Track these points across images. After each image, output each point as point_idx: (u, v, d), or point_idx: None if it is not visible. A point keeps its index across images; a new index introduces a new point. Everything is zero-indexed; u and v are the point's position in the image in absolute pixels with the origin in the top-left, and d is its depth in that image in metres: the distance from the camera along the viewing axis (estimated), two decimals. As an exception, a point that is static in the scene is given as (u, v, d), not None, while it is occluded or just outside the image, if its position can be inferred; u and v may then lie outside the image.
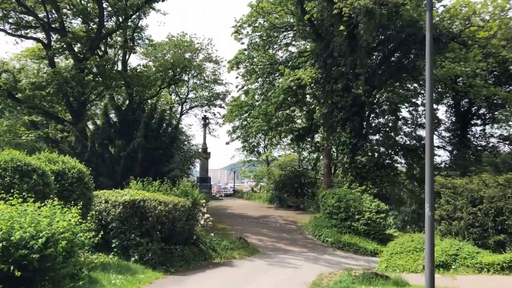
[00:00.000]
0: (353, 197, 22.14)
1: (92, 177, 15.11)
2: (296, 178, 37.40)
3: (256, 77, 32.96)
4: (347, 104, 24.83)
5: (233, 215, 28.86)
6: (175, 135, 20.49)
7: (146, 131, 18.14)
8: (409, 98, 34.85)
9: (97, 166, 17.66)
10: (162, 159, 19.07)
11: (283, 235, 22.19)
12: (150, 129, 18.70)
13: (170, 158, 20.22)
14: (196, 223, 13.57)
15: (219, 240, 15.73)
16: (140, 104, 20.12)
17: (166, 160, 19.46)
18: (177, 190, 13.26)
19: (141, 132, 17.89)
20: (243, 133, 34.78)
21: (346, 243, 20.22)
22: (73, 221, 6.28)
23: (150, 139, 18.44)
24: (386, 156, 27.27)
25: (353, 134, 25.03)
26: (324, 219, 23.51)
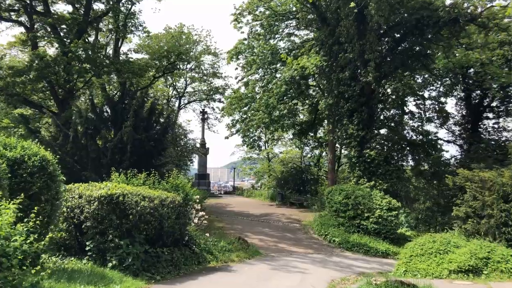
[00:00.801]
0: (362, 194, 20.43)
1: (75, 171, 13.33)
2: (298, 175, 35.67)
3: (257, 68, 31.19)
4: (354, 93, 23.11)
5: (233, 213, 27.17)
6: (168, 125, 18.72)
7: (135, 121, 16.39)
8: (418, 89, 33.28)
9: (81, 159, 15.95)
10: (154, 151, 17.33)
11: (286, 234, 20.50)
12: (140, 118, 16.95)
13: (163, 150, 18.47)
14: (189, 222, 11.85)
15: (215, 241, 14.00)
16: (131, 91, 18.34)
17: (158, 153, 17.71)
18: (166, 184, 11.53)
19: (130, 121, 16.14)
20: (243, 127, 33.00)
21: (355, 243, 18.52)
22: (7, 221, 4.54)
23: (140, 130, 16.69)
24: (395, 151, 25.56)
25: (361, 126, 23.29)
26: (330, 217, 21.81)
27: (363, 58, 22.23)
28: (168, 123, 18.74)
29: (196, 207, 12.88)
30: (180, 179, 11.81)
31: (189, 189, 11.58)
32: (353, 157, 23.51)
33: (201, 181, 39.96)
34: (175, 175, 11.87)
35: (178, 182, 11.62)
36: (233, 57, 33.58)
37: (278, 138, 45.82)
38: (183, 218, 11.06)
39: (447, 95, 35.38)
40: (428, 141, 31.14)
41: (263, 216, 26.17)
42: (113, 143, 15.72)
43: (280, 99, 29.35)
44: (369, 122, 23.59)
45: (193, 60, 44.01)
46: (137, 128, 16.48)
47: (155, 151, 17.60)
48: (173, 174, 11.87)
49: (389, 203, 19.75)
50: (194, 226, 12.94)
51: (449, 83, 34.34)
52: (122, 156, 16.50)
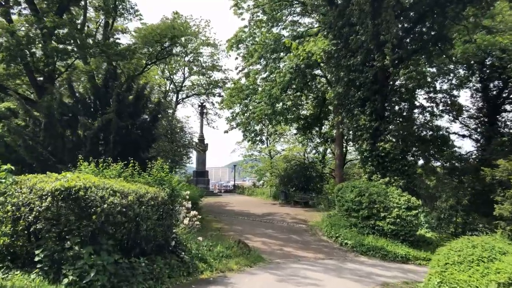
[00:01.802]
0: (377, 191, 18.22)
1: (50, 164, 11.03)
2: (303, 171, 33.42)
3: (258, 57, 28.98)
4: (367, 80, 20.87)
5: (232, 212, 24.99)
6: (158, 112, 16.48)
7: (119, 106, 14.19)
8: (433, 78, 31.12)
9: (56, 150, 13.75)
10: (142, 142, 15.12)
11: (292, 236, 18.31)
12: (124, 104, 14.75)
13: (153, 142, 16.26)
14: (176, 223, 9.64)
15: (211, 246, 11.81)
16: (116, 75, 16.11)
17: (147, 144, 15.50)
18: (148, 176, 9.31)
19: (113, 107, 13.93)
20: (243, 120, 30.78)
21: (371, 246, 16.34)
22: None
23: (125, 116, 14.48)
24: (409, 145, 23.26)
25: (373, 116, 21.06)
26: (340, 217, 19.61)
27: (377, 40, 19.99)
28: (158, 110, 16.51)
29: (186, 205, 10.66)
30: (166, 171, 9.58)
31: (176, 183, 9.36)
32: (365, 151, 21.27)
33: (200, 179, 37.80)
34: (159, 165, 9.63)
35: (163, 175, 9.41)
36: (233, 46, 31.43)
37: (280, 133, 43.51)
38: (168, 218, 8.87)
39: (461, 87, 33.10)
40: (439, 137, 28.97)
41: (266, 216, 23.98)
42: (92, 131, 13.51)
43: (284, 90, 27.15)
44: (383, 112, 21.37)
45: (191, 52, 41.96)
46: (121, 115, 14.27)
47: (143, 142, 15.39)
48: (157, 165, 9.64)
49: (408, 201, 17.53)
50: (184, 228, 10.73)
51: (463, 74, 32.12)
52: (105, 147, 14.33)
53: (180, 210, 9.98)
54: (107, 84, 15.25)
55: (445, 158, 28.76)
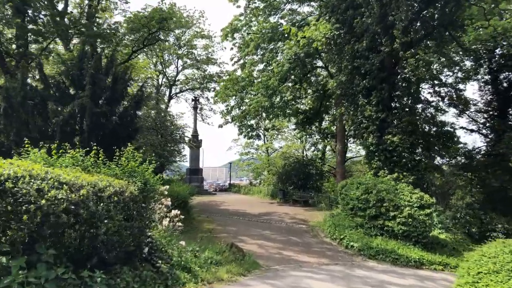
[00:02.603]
0: (386, 187, 16.47)
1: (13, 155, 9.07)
2: (302, 168, 31.63)
3: (255, 46, 27.14)
4: (373, 67, 19.12)
5: (227, 212, 23.17)
6: (140, 99, 14.59)
7: (95, 90, 12.33)
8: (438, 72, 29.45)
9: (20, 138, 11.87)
10: (121, 132, 13.24)
11: (291, 238, 16.51)
12: (100, 88, 12.88)
13: (134, 132, 14.39)
14: (151, 225, 7.78)
15: (197, 251, 9.98)
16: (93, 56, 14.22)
17: (127, 134, 13.62)
18: (116, 167, 7.48)
19: (87, 90, 12.07)
20: (239, 114, 28.91)
21: (380, 249, 14.58)
22: None
23: (102, 103, 12.63)
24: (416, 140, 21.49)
25: (380, 107, 19.33)
26: (345, 217, 17.86)
27: (384, 23, 18.23)
28: (140, 96, 14.63)
29: (165, 203, 8.81)
30: (138, 159, 7.74)
31: (151, 176, 7.51)
32: (371, 145, 19.51)
33: (193, 177, 35.95)
34: (130, 152, 7.78)
35: (134, 165, 7.57)
36: (228, 35, 29.56)
37: (278, 128, 41.65)
38: (139, 219, 7.04)
39: (467, 80, 31.39)
40: (444, 132, 27.22)
41: (263, 215, 22.18)
42: (62, 118, 11.66)
43: (282, 81, 25.33)
44: (390, 102, 19.65)
45: (185, 45, 40.16)
46: (97, 100, 12.43)
47: (124, 132, 13.52)
48: (127, 152, 7.79)
49: (421, 198, 15.77)
50: (164, 231, 8.90)
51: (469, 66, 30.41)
52: (79, 137, 12.48)
53: (156, 209, 8.12)
54: (83, 66, 13.38)
55: (451, 154, 27.09)
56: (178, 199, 15.93)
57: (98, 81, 12.59)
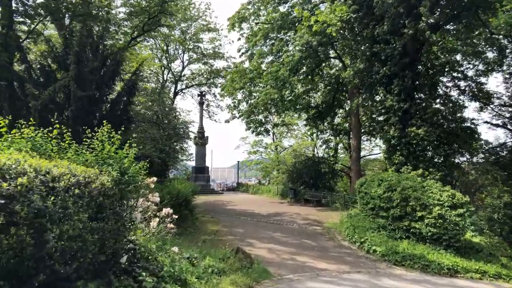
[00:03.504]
0: (411, 184, 14.63)
1: None
2: (314, 166, 29.81)
3: (263, 35, 25.43)
4: (395, 53, 17.30)
5: (233, 212, 21.46)
6: (133, 83, 12.92)
7: (80, 70, 10.70)
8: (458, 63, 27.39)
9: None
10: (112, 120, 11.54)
11: (305, 241, 14.74)
12: (87, 69, 11.23)
13: (128, 121, 12.73)
14: (132, 227, 6.03)
15: (195, 258, 8.27)
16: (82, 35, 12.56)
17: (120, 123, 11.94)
18: (86, 152, 5.79)
19: (72, 71, 10.45)
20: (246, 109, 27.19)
21: (407, 255, 12.77)
22: None
23: (89, 86, 10.99)
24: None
25: (402, 96, 17.51)
26: (364, 218, 16.06)
27: (408, 3, 16.44)
28: (134, 81, 12.97)
29: (152, 199, 7.07)
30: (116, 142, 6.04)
31: (129, 164, 5.78)
32: (392, 138, 17.68)
33: (199, 176, 34.25)
34: (105, 133, 6.07)
35: (111, 149, 5.87)
36: (235, 25, 27.92)
37: (288, 124, 39.77)
38: (114, 219, 5.35)
39: (490, 72, 29.32)
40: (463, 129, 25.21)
41: (273, 216, 20.43)
42: (41, 102, 10.04)
43: (293, 72, 23.56)
44: (413, 91, 17.81)
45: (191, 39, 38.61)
46: (83, 83, 10.79)
47: (116, 121, 11.86)
48: (99, 133, 6.09)
49: (452, 197, 13.90)
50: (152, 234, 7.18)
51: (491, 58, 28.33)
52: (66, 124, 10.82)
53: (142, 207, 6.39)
54: (68, 44, 11.77)
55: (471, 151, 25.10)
56: (178, 198, 14.29)
57: (84, 61, 10.98)
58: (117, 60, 12.48)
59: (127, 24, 20.46)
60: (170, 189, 14.04)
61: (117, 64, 12.47)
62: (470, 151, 25.34)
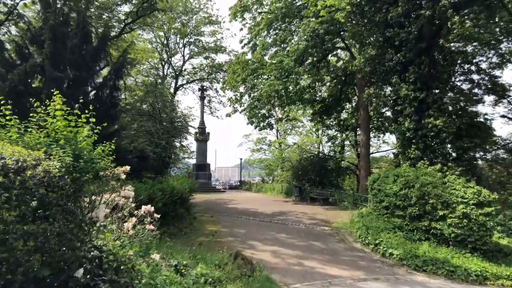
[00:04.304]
0: (431, 180, 13.20)
1: None
2: (320, 163, 28.36)
3: (267, 23, 24.02)
4: (410, 37, 15.86)
5: (235, 211, 20.06)
6: (120, 65, 11.50)
7: (56, 48, 9.32)
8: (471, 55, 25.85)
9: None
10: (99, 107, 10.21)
11: (313, 243, 13.31)
12: (64, 46, 9.85)
13: (113, 107, 11.32)
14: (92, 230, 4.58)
15: (184, 265, 6.88)
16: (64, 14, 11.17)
17: (105, 111, 10.59)
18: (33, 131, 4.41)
19: (47, 48, 9.08)
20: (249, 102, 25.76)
21: (429, 259, 11.35)
22: None
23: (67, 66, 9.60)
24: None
25: (418, 85, 16.05)
26: (378, 217, 14.61)
27: (425, -19, 14.97)
28: (122, 62, 11.57)
29: (125, 194, 5.64)
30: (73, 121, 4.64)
31: (84, 144, 4.34)
32: (407, 131, 16.23)
33: (200, 173, 32.88)
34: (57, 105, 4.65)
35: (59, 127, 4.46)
36: (237, 14, 26.54)
37: (292, 118, 38.23)
38: (63, 219, 3.93)
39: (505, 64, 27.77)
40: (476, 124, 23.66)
41: (277, 215, 19.01)
42: (8, 83, 8.66)
43: (298, 62, 22.12)
44: (430, 79, 16.33)
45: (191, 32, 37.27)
46: (60, 62, 9.41)
47: (101, 108, 10.48)
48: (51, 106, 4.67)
49: (478, 194, 12.46)
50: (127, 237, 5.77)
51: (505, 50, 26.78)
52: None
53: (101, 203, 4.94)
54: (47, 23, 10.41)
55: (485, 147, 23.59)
56: (173, 195, 12.91)
57: (62, 37, 9.60)
58: (102, 37, 11.07)
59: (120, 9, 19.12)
60: (163, 185, 12.66)
61: (101, 43, 11.05)
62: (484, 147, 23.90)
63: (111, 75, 11.16)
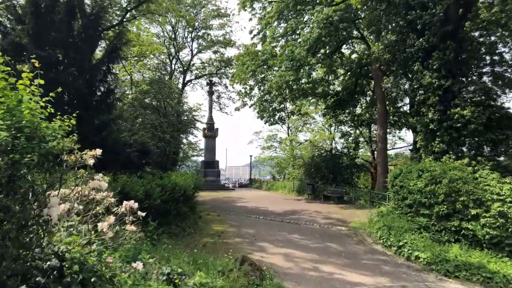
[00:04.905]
0: (461, 175, 11.85)
1: None
2: (334, 159, 27.04)
3: (277, 12, 22.78)
4: (434, 20, 14.49)
5: (244, 210, 18.88)
6: (114, 47, 10.34)
7: (38, 25, 8.22)
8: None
9: None
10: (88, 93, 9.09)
11: (329, 245, 12.07)
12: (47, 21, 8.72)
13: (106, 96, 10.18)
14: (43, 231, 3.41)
15: (177, 274, 5.71)
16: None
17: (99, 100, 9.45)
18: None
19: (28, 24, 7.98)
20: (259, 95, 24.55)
21: (462, 263, 10.06)
22: None
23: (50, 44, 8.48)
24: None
25: (443, 72, 14.67)
26: (400, 216, 13.30)
27: (451, -44, 13.61)
28: (116, 44, 10.41)
29: (92, 184, 4.51)
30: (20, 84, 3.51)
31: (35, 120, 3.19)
32: (431, 122, 14.88)
33: (208, 171, 31.77)
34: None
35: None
36: (246, 4, 25.31)
37: (304, 113, 36.81)
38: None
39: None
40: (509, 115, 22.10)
41: (289, 214, 17.79)
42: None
43: (311, 51, 20.82)
44: (457, 65, 14.95)
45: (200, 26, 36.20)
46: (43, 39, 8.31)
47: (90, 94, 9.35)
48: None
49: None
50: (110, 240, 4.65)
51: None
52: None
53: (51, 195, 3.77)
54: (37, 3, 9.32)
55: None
56: (174, 192, 11.77)
57: (45, 12, 8.49)
58: (94, 14, 9.93)
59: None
60: (164, 181, 11.54)
61: (93, 20, 9.88)
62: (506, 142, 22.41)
63: (104, 57, 10.07)
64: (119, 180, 9.08)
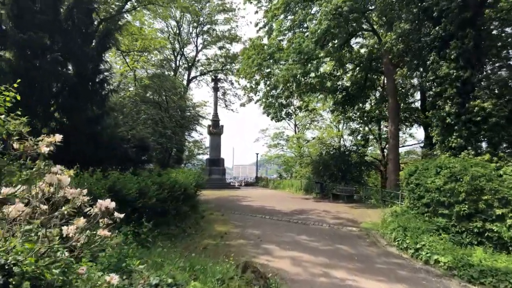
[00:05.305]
0: (484, 172, 10.91)
1: None
2: (343, 157, 26.12)
3: (284, 3, 21.90)
4: (452, 5, 13.52)
5: (249, 209, 18.05)
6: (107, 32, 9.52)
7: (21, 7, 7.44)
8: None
9: None
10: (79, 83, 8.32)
11: (340, 247, 11.19)
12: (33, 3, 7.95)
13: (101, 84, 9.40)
14: None
15: (167, 286, 4.87)
16: None
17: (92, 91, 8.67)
18: None
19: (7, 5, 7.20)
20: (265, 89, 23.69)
21: (487, 269, 9.13)
22: None
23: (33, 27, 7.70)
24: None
25: (461, 62, 13.71)
26: (416, 217, 12.41)
27: None
28: (109, 28, 9.61)
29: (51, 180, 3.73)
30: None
31: None
32: (448, 116, 13.94)
33: (214, 168, 30.98)
34: None
35: None
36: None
37: (312, 109, 35.84)
38: None
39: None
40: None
41: (296, 214, 16.93)
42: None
43: (319, 44, 19.94)
44: (477, 54, 13.97)
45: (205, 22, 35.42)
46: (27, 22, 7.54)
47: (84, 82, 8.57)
48: None
49: (545, 189, 10.14)
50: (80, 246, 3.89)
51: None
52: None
53: None
54: None
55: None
56: (174, 190, 10.98)
57: None
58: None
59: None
60: (162, 178, 10.74)
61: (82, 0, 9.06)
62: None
63: (97, 42, 9.30)
64: (110, 177, 8.31)
